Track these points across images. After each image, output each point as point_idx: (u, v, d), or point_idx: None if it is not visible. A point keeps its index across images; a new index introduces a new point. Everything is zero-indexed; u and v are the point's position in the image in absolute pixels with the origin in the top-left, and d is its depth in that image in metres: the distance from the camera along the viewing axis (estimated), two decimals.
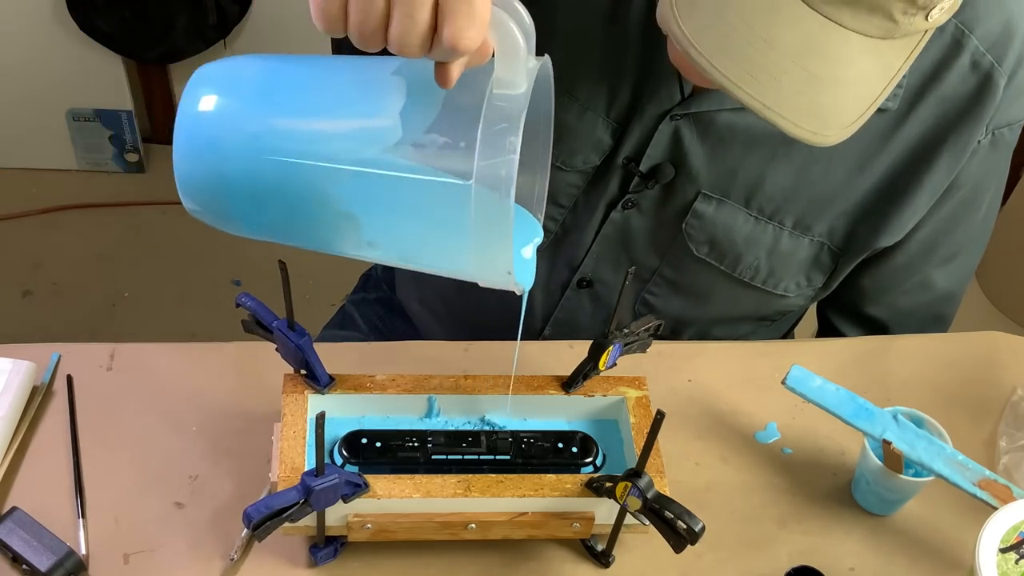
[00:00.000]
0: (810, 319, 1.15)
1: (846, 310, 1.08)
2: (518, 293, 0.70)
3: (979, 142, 0.91)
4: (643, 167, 0.92)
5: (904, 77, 0.86)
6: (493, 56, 0.58)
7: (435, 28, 0.54)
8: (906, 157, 0.92)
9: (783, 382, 0.86)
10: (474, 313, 1.11)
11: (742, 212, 0.94)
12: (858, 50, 0.69)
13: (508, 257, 0.59)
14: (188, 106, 0.63)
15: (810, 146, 0.80)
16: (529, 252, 0.72)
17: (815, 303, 1.09)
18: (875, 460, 0.85)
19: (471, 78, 0.59)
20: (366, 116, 0.61)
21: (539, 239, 0.73)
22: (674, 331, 1.05)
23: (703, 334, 1.06)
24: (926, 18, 0.69)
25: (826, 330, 1.12)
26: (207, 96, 0.63)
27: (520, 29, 0.57)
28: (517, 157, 0.56)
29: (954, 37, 0.86)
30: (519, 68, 0.57)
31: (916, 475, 0.86)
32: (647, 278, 1.00)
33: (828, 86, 0.69)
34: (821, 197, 0.93)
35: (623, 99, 0.91)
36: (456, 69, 0.57)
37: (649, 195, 0.94)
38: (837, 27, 0.68)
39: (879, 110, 0.87)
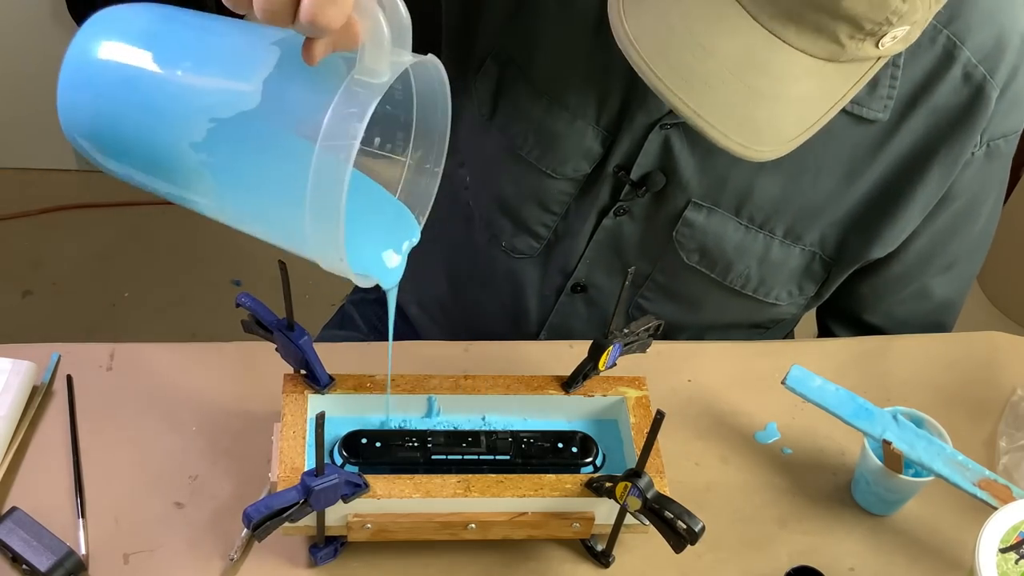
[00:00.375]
0: (809, 319, 1.15)
1: (844, 317, 1.08)
2: (384, 288, 0.73)
3: (973, 153, 0.91)
4: (634, 175, 0.92)
5: (894, 88, 0.87)
6: None
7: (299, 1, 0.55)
8: (897, 168, 0.91)
9: (783, 382, 0.86)
10: (471, 318, 1.11)
11: (732, 221, 0.94)
12: (802, 69, 0.68)
13: (339, 243, 0.60)
14: (78, 41, 0.66)
15: (800, 156, 0.80)
16: (397, 253, 0.73)
17: (812, 310, 1.09)
18: (875, 460, 0.85)
19: (339, 61, 0.60)
20: (230, 78, 0.63)
21: (414, 240, 0.74)
22: (667, 336, 1.05)
23: (696, 339, 1.06)
24: (876, 45, 0.68)
25: (825, 336, 1.12)
26: (95, 35, 0.66)
27: (389, 19, 0.58)
28: (357, 143, 0.57)
29: (946, 49, 0.86)
30: (382, 58, 0.58)
31: (916, 475, 0.86)
32: (640, 284, 1.01)
33: (767, 101, 0.69)
34: (811, 207, 0.93)
35: (612, 107, 0.91)
36: (319, 47, 0.57)
37: (640, 203, 0.95)
38: (781, 44, 0.67)
39: (869, 121, 0.87)
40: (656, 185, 0.92)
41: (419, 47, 0.62)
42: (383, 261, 0.73)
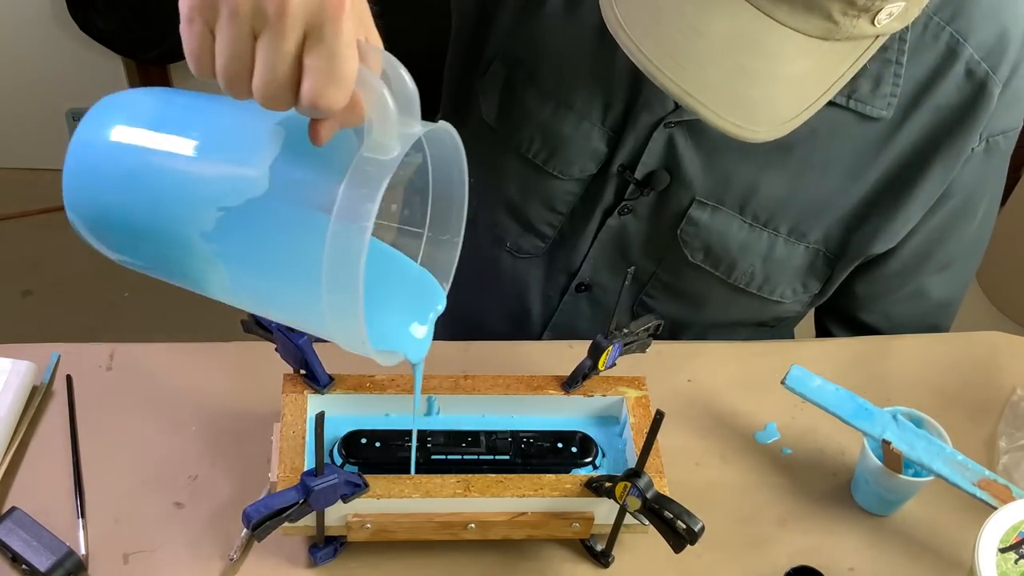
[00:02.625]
0: (809, 319, 1.15)
1: (841, 316, 1.08)
2: (413, 362, 0.70)
3: (972, 150, 0.91)
4: (638, 174, 0.93)
5: (897, 86, 0.86)
6: None
7: (299, 83, 0.52)
8: (900, 165, 0.91)
9: (783, 382, 0.86)
10: (474, 319, 1.11)
11: (736, 219, 0.94)
12: (796, 49, 0.68)
13: (360, 328, 0.58)
14: (81, 131, 0.63)
15: (804, 154, 0.79)
16: (423, 324, 0.70)
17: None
18: (875, 460, 0.85)
19: (349, 136, 0.57)
20: (237, 165, 0.60)
21: (441, 308, 0.71)
22: (672, 334, 1.05)
23: (701, 337, 1.07)
24: (872, 22, 0.68)
25: (823, 335, 1.12)
26: (98, 124, 0.63)
27: (394, 92, 0.55)
28: (370, 225, 0.54)
29: (948, 46, 0.86)
30: (390, 131, 0.55)
31: (916, 475, 0.86)
32: (645, 281, 1.01)
33: (760, 80, 0.68)
34: (815, 204, 0.93)
35: (617, 108, 0.91)
36: (325, 128, 0.55)
37: (645, 202, 0.95)
38: (773, 23, 0.67)
39: (873, 119, 0.87)
40: (661, 184, 0.92)
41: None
42: (410, 334, 0.70)
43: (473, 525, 0.78)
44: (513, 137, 0.95)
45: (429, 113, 0.62)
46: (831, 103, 0.79)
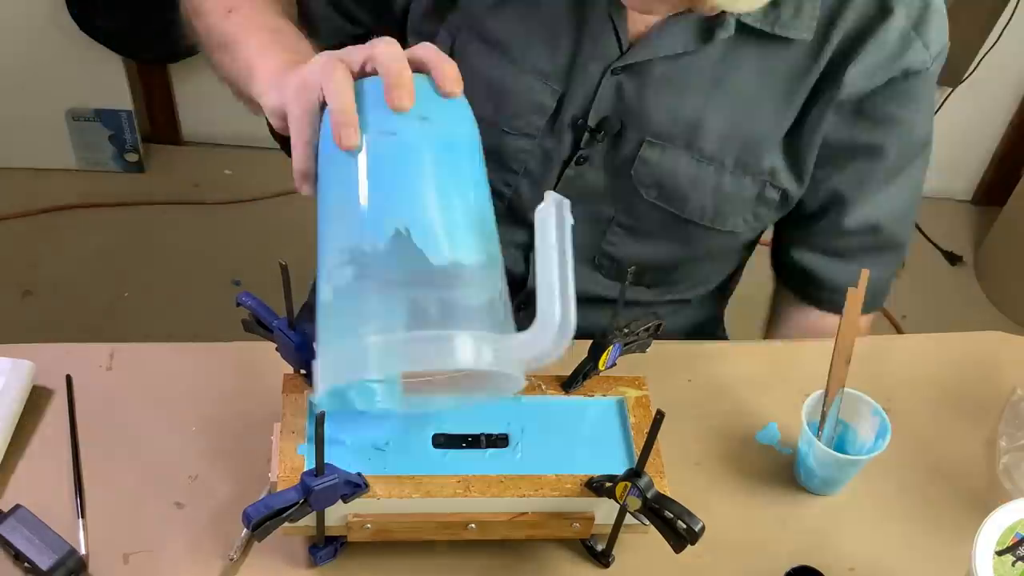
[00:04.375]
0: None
1: (797, 279, 1.09)
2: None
3: (887, 78, 0.92)
4: (591, 122, 0.95)
5: (816, 8, 0.90)
6: None
7: None
8: (818, 88, 0.93)
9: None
10: None
11: (684, 156, 0.95)
12: None
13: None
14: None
15: (741, 87, 0.81)
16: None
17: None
18: (814, 440, 0.86)
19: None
20: None
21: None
22: (637, 278, 1.05)
23: (664, 278, 1.08)
24: None
25: (784, 268, 1.11)
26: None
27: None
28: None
29: None
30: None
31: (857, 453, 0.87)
32: (604, 228, 1.02)
33: None
34: (756, 136, 0.95)
35: (562, 60, 0.93)
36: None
37: (599, 148, 0.97)
38: None
39: (796, 41, 0.91)
40: (613, 129, 0.95)
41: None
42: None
43: (473, 525, 0.78)
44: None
45: None
46: (758, 32, 0.89)
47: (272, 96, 0.75)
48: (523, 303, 1.08)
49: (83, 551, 0.80)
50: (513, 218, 1.02)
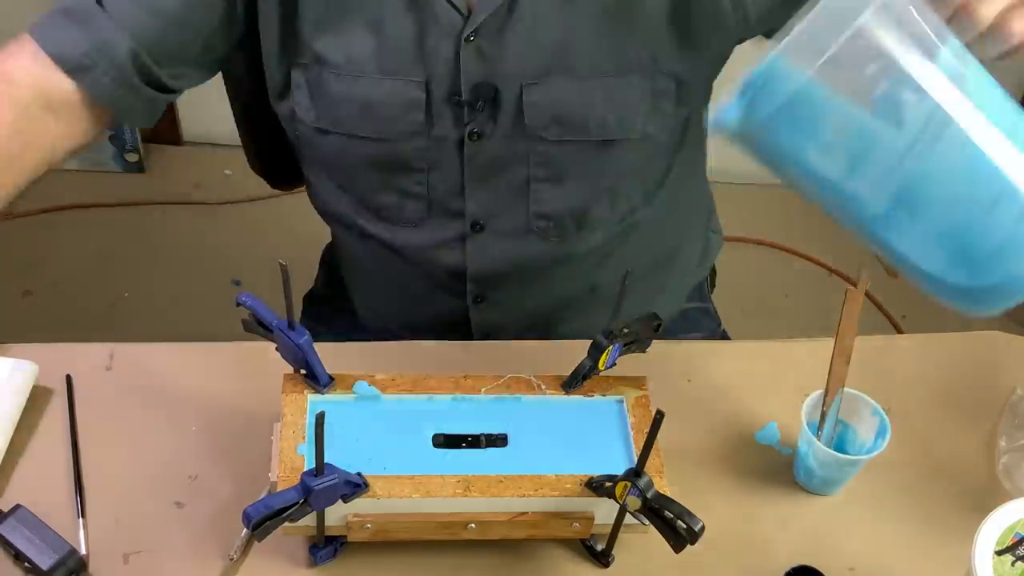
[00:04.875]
0: (807, 319, 1.14)
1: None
2: None
3: None
4: (466, 96, 0.94)
5: None
6: None
7: None
8: None
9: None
10: (413, 305, 1.12)
11: (564, 80, 0.94)
12: None
13: None
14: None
15: None
16: None
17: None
18: (814, 440, 0.86)
19: None
20: None
21: None
22: (579, 225, 1.04)
23: (611, 218, 1.05)
24: None
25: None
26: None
27: None
28: None
29: None
30: None
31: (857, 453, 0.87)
32: (526, 190, 1.00)
33: None
34: (623, 34, 0.93)
35: (411, 48, 0.92)
36: None
37: (484, 117, 0.95)
38: None
39: None
40: (488, 93, 0.94)
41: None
42: None
43: (473, 525, 0.78)
44: (337, 126, 0.97)
45: None
46: None
47: None
48: (478, 297, 1.08)
49: (83, 551, 0.80)
50: (442, 212, 1.02)
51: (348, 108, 0.95)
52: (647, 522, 0.75)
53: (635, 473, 0.73)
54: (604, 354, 0.83)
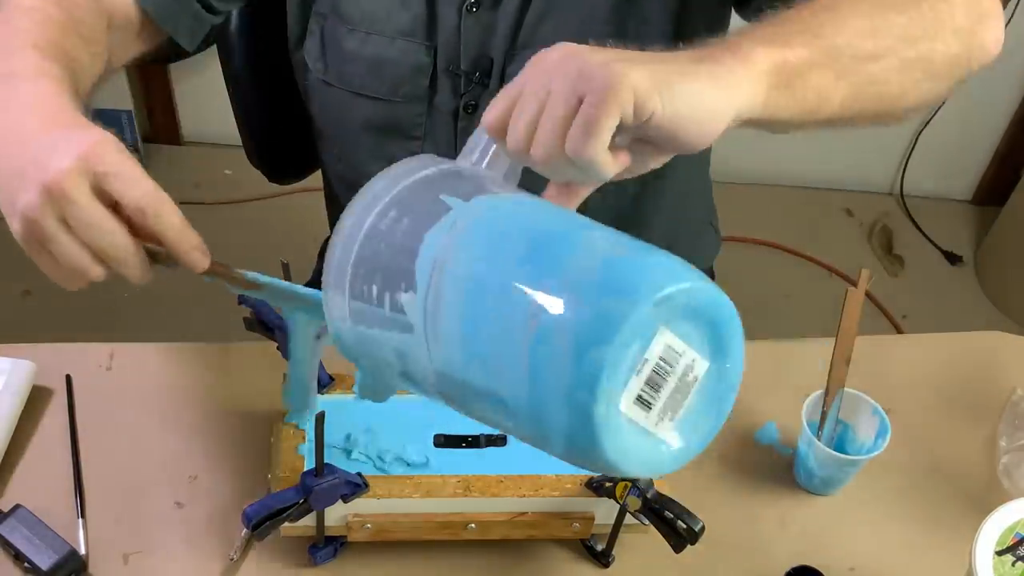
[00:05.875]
0: (810, 320, 1.14)
1: None
2: None
3: None
4: (464, 67, 0.94)
5: None
6: None
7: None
8: None
9: None
10: None
11: (561, 32, 0.90)
12: None
13: None
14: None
15: None
16: None
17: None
18: (815, 440, 0.86)
19: None
20: None
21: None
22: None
23: (602, 205, 1.02)
24: None
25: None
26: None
27: None
28: None
29: None
30: None
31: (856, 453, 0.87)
32: None
33: None
34: (622, 7, 0.91)
35: (422, 13, 0.92)
36: None
37: (478, 88, 0.96)
38: None
39: None
40: (485, 64, 0.94)
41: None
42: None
43: (473, 525, 0.78)
44: (345, 81, 0.98)
45: None
46: None
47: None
48: None
49: (83, 551, 0.80)
50: None
51: (356, 65, 0.96)
52: (647, 522, 0.75)
53: None
54: None
